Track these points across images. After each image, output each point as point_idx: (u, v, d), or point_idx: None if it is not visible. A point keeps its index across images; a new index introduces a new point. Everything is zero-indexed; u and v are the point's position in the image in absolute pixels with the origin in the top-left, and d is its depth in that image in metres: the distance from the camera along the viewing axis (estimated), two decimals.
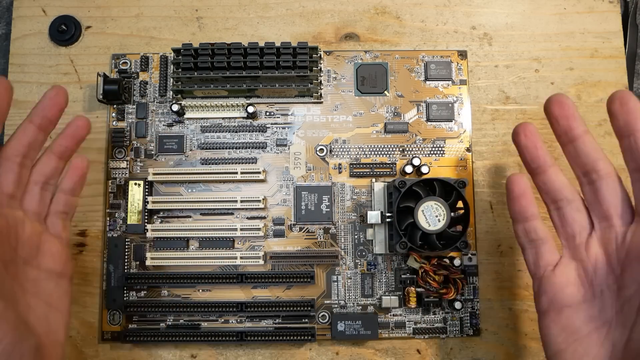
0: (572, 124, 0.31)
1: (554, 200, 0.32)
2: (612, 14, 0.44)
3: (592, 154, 0.31)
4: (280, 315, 0.40)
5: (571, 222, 0.31)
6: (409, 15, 0.44)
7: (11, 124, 0.42)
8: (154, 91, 0.43)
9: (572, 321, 0.30)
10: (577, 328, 0.30)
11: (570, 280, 0.31)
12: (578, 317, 0.30)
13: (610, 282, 0.30)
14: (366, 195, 0.42)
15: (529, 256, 0.33)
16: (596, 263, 0.30)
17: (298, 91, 0.41)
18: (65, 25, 0.43)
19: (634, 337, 0.28)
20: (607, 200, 0.30)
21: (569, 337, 0.30)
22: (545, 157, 0.32)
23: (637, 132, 0.29)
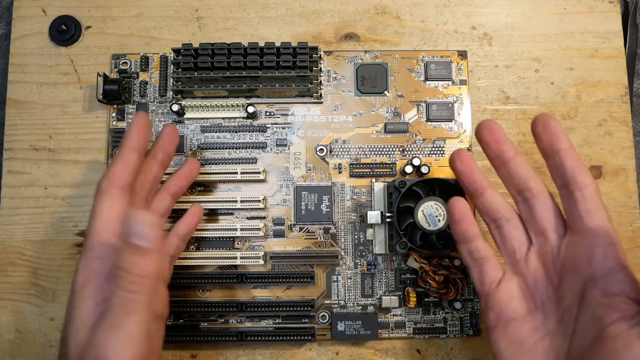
0: (503, 148, 0.33)
1: (493, 219, 0.34)
2: (612, 14, 0.44)
3: (523, 173, 0.32)
4: (280, 315, 0.40)
5: (510, 238, 0.33)
6: (409, 15, 0.44)
7: (11, 124, 0.42)
8: (154, 91, 0.43)
9: (518, 334, 0.31)
10: (523, 340, 0.31)
11: (514, 295, 0.32)
12: (523, 329, 0.31)
13: (550, 293, 0.31)
14: (366, 195, 0.42)
15: (474, 274, 0.34)
16: (535, 276, 0.32)
17: (298, 91, 0.41)
18: (65, 25, 0.43)
19: (574, 344, 0.29)
20: (540, 216, 0.32)
21: (516, 349, 0.31)
22: (481, 181, 0.34)
23: (559, 152, 0.31)
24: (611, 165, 0.42)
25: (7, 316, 0.40)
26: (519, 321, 0.31)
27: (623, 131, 0.43)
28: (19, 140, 0.42)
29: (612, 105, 0.43)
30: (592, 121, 0.43)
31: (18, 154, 0.42)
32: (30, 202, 0.42)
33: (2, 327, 0.40)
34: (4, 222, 0.41)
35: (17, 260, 0.41)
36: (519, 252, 0.33)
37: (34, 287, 0.41)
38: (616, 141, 0.43)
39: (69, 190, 0.42)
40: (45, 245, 0.41)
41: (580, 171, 0.31)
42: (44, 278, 0.41)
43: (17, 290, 0.41)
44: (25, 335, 0.40)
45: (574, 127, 0.43)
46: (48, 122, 0.42)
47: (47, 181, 0.42)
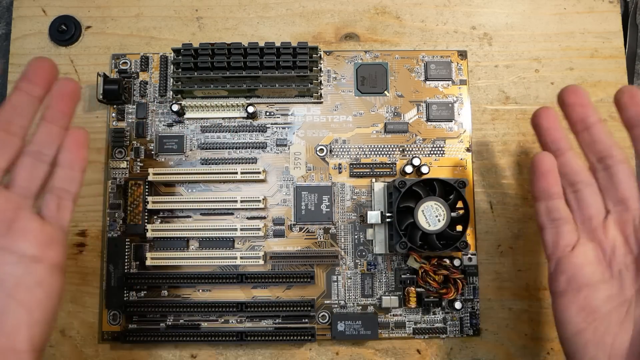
0: (588, 112, 0.33)
1: (572, 182, 0.33)
2: (612, 14, 0.44)
3: (606, 140, 0.32)
4: (280, 315, 0.40)
5: (588, 204, 0.32)
6: (409, 15, 0.44)
7: None
8: (154, 91, 0.43)
9: (591, 300, 0.31)
10: (596, 307, 0.30)
11: (589, 260, 0.31)
12: (597, 296, 0.31)
13: (628, 262, 0.31)
14: (366, 195, 0.42)
15: (549, 236, 0.33)
16: (614, 244, 0.31)
17: (298, 91, 0.41)
18: (65, 25, 0.43)
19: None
20: (623, 184, 0.32)
21: (588, 316, 0.30)
22: (565, 140, 0.33)
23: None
24: None
25: None
26: (593, 287, 0.31)
27: (623, 131, 0.43)
28: None
29: (612, 105, 0.43)
30: None
31: None
32: None
33: None
34: None
35: None
36: (596, 219, 0.32)
37: None
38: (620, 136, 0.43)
39: None
40: None
41: None
42: None
43: None
44: None
45: None
46: None
47: None
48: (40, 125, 0.31)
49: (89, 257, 0.41)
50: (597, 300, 0.30)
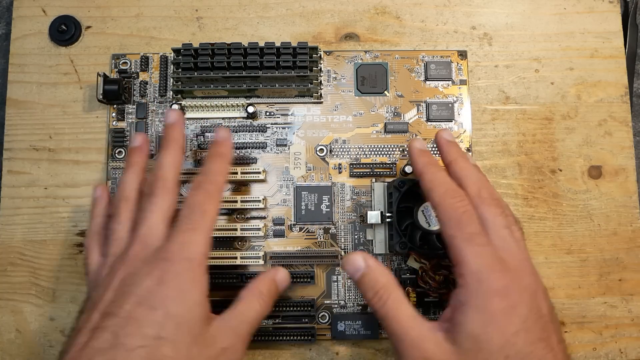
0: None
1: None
2: (612, 14, 0.44)
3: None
4: (280, 315, 0.40)
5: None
6: (409, 15, 0.44)
7: (11, 124, 0.42)
8: (154, 91, 0.43)
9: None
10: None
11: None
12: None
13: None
14: (366, 195, 0.42)
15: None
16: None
17: (298, 91, 0.41)
18: (65, 25, 0.43)
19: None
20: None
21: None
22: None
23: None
24: (611, 165, 0.42)
25: (7, 316, 0.40)
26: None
27: (623, 131, 0.43)
28: (19, 140, 0.42)
29: (612, 105, 0.43)
30: (592, 121, 0.43)
31: (18, 154, 0.42)
32: (30, 202, 0.42)
33: (2, 327, 0.40)
34: (4, 222, 0.41)
35: (17, 260, 0.41)
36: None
37: (34, 287, 0.41)
38: (616, 141, 0.43)
39: (69, 190, 0.42)
40: (45, 245, 0.41)
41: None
42: (44, 278, 0.41)
43: (17, 290, 0.41)
44: (25, 335, 0.40)
45: (574, 127, 0.43)
46: (48, 122, 0.42)
47: (47, 181, 0.42)
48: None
49: None
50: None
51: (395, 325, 0.29)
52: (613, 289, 0.41)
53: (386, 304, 0.30)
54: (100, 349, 0.27)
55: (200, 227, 0.31)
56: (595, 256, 0.42)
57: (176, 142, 0.35)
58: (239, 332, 0.31)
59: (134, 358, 0.26)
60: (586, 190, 0.42)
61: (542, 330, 0.28)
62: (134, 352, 0.26)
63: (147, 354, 0.27)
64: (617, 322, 0.41)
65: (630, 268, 0.41)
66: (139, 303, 0.28)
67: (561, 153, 0.43)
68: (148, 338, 0.27)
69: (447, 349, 0.28)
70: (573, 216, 0.42)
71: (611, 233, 0.42)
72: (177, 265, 0.29)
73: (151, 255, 0.30)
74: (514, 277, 0.29)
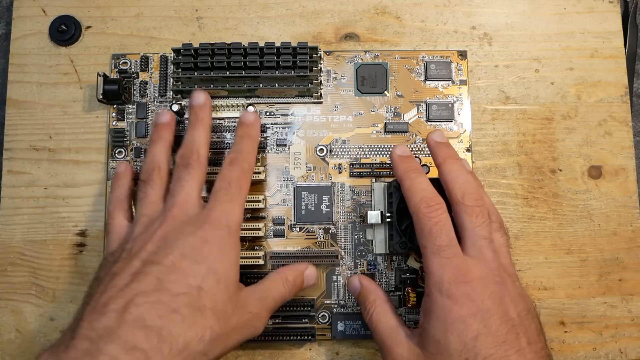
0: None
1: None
2: (612, 14, 0.44)
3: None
4: (280, 315, 0.40)
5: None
6: (409, 15, 0.44)
7: (11, 124, 0.42)
8: (154, 91, 0.43)
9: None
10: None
11: None
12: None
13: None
14: (366, 195, 0.42)
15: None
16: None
17: (298, 91, 0.41)
18: (65, 25, 0.43)
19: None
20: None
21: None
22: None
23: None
24: (611, 165, 0.42)
25: (7, 316, 0.40)
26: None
27: (623, 131, 0.43)
28: (19, 140, 0.42)
29: (612, 105, 0.43)
30: (592, 121, 0.43)
31: (18, 154, 0.42)
32: (30, 202, 0.42)
33: (2, 327, 0.40)
34: (4, 222, 0.41)
35: (17, 260, 0.41)
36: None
37: (34, 287, 0.41)
38: (616, 141, 0.43)
39: (69, 190, 0.42)
40: (45, 245, 0.41)
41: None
42: (44, 278, 0.41)
43: (17, 290, 0.41)
44: (25, 335, 0.40)
45: (574, 127, 0.43)
46: (48, 122, 0.42)
47: (47, 181, 0.42)
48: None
49: (89, 257, 0.41)
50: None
51: (377, 334, 0.34)
52: (613, 289, 0.41)
53: (372, 316, 0.35)
54: (144, 291, 0.28)
55: (237, 199, 0.34)
56: (595, 256, 0.42)
57: (205, 121, 0.38)
58: (265, 303, 0.34)
59: (177, 303, 0.28)
60: (586, 190, 0.42)
61: (507, 333, 0.29)
62: (177, 297, 0.29)
63: (189, 300, 0.29)
64: (617, 322, 0.41)
65: (630, 268, 0.41)
66: (183, 256, 0.30)
67: (561, 153, 0.43)
68: (191, 287, 0.29)
69: (416, 353, 0.31)
70: (573, 216, 0.42)
71: (611, 233, 0.42)
72: (220, 230, 0.32)
73: (193, 218, 0.33)
74: (476, 286, 0.30)
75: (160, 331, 0.27)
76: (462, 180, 0.33)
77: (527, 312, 0.31)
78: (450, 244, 0.31)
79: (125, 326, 0.26)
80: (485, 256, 0.31)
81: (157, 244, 0.31)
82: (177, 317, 0.28)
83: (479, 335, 0.29)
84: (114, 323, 0.27)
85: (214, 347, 0.30)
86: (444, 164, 0.34)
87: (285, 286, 0.36)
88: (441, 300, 0.30)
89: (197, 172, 0.35)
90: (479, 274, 0.31)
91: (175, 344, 0.27)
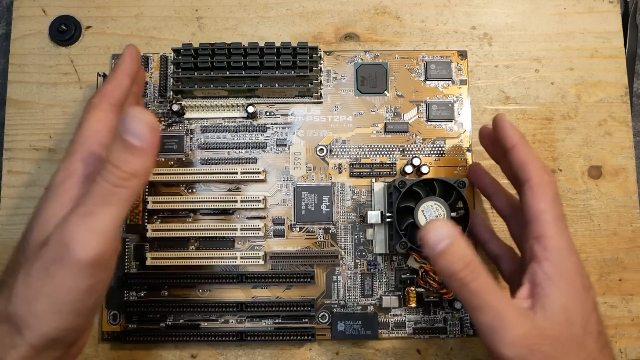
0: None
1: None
2: (612, 14, 0.44)
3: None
4: (280, 315, 0.40)
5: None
6: (409, 15, 0.44)
7: (11, 124, 0.42)
8: (154, 91, 0.43)
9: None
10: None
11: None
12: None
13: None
14: (366, 195, 0.42)
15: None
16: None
17: (298, 91, 0.41)
18: (65, 25, 0.43)
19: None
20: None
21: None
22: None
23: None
24: (611, 165, 0.42)
25: None
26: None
27: (623, 131, 0.43)
28: (19, 140, 0.42)
29: (612, 105, 0.43)
30: (592, 121, 0.43)
31: (18, 154, 0.42)
32: (30, 202, 0.42)
33: None
34: (4, 222, 0.41)
35: None
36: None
37: None
38: (616, 141, 0.43)
39: None
40: None
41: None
42: None
43: None
44: None
45: (574, 127, 0.43)
46: (48, 122, 0.42)
47: (47, 181, 0.42)
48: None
49: None
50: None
51: (492, 300, 0.27)
52: (613, 289, 0.41)
53: (478, 278, 0.27)
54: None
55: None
56: (595, 256, 0.42)
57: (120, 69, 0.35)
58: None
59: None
60: (586, 190, 0.42)
61: (600, 320, 0.30)
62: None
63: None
64: (617, 322, 0.41)
65: (630, 268, 0.41)
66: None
67: (561, 153, 0.43)
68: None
69: (543, 326, 0.28)
70: (573, 216, 0.42)
71: (611, 233, 0.42)
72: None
73: None
74: (581, 261, 0.31)
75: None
76: (542, 162, 0.33)
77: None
78: (564, 217, 0.32)
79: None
80: (567, 233, 0.32)
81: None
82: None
83: (593, 310, 0.30)
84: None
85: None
86: (521, 143, 0.34)
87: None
88: (567, 266, 0.30)
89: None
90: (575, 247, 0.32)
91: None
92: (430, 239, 0.27)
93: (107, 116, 0.32)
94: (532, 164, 0.33)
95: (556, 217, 0.31)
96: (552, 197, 0.32)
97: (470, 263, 0.27)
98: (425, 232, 0.27)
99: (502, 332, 0.27)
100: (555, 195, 0.32)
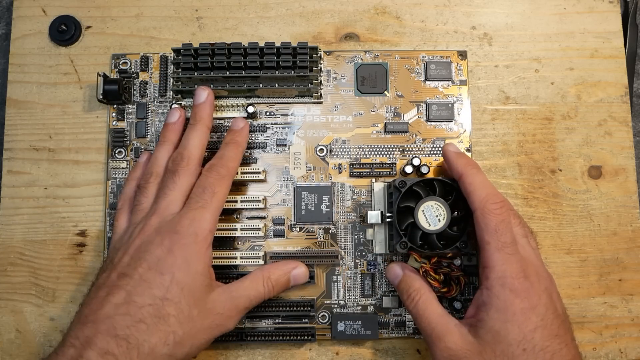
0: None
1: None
2: (612, 14, 0.44)
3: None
4: (280, 315, 0.40)
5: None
6: (409, 15, 0.44)
7: (11, 124, 0.42)
8: (154, 91, 0.43)
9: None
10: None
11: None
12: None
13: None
14: (366, 195, 0.42)
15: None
16: None
17: (298, 91, 0.41)
18: (65, 25, 0.43)
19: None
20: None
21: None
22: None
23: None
24: (611, 165, 0.42)
25: (7, 316, 0.40)
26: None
27: (623, 131, 0.43)
28: (19, 140, 0.42)
29: (612, 105, 0.43)
30: (592, 121, 0.43)
31: (18, 154, 0.42)
32: (30, 202, 0.42)
33: (2, 327, 0.40)
34: (4, 222, 0.41)
35: (17, 260, 0.41)
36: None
37: (34, 287, 0.41)
38: (616, 141, 0.43)
39: (69, 190, 0.42)
40: (45, 245, 0.41)
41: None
42: (44, 278, 0.41)
43: (17, 290, 0.41)
44: (25, 335, 0.40)
45: (574, 127, 0.43)
46: (48, 122, 0.42)
47: (47, 181, 0.42)
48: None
49: (89, 257, 0.41)
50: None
51: (425, 322, 0.34)
52: (613, 289, 0.41)
53: (417, 304, 0.35)
54: (116, 304, 0.31)
55: (209, 206, 0.35)
56: (595, 256, 0.42)
57: (203, 122, 0.38)
58: (237, 302, 0.35)
59: (143, 313, 0.31)
60: (586, 190, 0.42)
61: (559, 327, 0.31)
62: (143, 308, 0.31)
63: (154, 311, 0.31)
64: (617, 322, 0.41)
65: (630, 268, 0.41)
66: (149, 268, 0.33)
67: (561, 153, 0.43)
68: (156, 298, 0.32)
69: (469, 341, 0.32)
70: (573, 216, 0.42)
71: (611, 233, 0.42)
72: (185, 238, 0.34)
73: (164, 227, 0.34)
74: (534, 281, 0.32)
75: (128, 338, 0.30)
76: (489, 188, 0.34)
77: (565, 309, 0.33)
78: (512, 242, 0.33)
79: (100, 335, 0.30)
80: (529, 254, 0.34)
81: (131, 255, 0.34)
82: (143, 326, 0.31)
83: (537, 327, 0.31)
84: (92, 333, 0.30)
85: (179, 349, 0.32)
86: (465, 173, 0.35)
87: (265, 286, 0.37)
88: (503, 294, 0.31)
89: (184, 179, 0.36)
90: (534, 270, 0.33)
91: (142, 348, 0.30)
92: (389, 277, 0.38)
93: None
94: (476, 194, 0.34)
95: (499, 247, 0.32)
96: (496, 226, 0.33)
97: (412, 293, 0.35)
98: (386, 272, 0.39)
99: (436, 341, 0.33)
100: (500, 222, 0.33)
